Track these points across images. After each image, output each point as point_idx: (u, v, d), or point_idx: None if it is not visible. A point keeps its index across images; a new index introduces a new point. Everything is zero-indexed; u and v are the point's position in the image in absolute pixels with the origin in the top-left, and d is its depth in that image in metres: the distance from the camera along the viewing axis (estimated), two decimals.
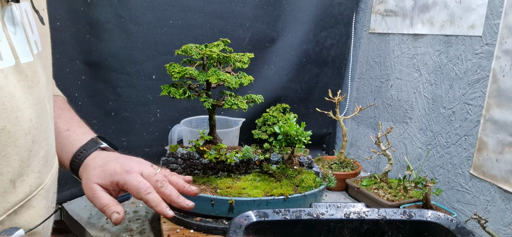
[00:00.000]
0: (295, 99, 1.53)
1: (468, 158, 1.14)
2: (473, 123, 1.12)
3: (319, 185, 0.97)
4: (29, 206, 0.53)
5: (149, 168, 0.76)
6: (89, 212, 1.11)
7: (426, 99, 1.29)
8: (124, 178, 0.72)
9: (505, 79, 1.02)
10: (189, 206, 0.74)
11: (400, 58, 1.38)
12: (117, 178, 0.72)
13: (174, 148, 1.00)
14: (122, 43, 1.20)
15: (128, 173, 0.72)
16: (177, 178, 0.77)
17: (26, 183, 0.52)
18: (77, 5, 1.11)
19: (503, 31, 1.02)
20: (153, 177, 0.74)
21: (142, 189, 0.71)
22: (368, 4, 1.53)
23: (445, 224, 0.79)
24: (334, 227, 0.81)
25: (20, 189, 0.51)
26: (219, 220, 0.89)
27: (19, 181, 0.50)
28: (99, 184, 0.72)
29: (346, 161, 1.38)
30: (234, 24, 1.36)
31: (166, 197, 0.73)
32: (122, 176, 0.72)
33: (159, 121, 1.32)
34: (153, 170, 0.75)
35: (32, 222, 0.54)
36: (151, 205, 0.71)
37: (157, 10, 1.23)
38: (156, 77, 1.27)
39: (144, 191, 0.71)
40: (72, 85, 1.14)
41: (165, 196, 0.73)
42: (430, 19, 1.25)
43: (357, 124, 1.63)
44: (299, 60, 1.49)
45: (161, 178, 0.74)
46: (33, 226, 0.54)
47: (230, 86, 0.93)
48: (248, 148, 0.99)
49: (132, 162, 0.75)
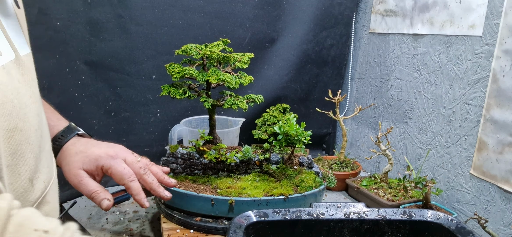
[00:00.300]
0: (295, 99, 1.53)
1: (468, 158, 1.14)
2: (473, 123, 1.12)
3: (319, 185, 0.97)
4: (45, 202, 0.53)
5: (131, 155, 0.78)
6: (89, 212, 1.11)
7: (426, 99, 1.29)
8: (109, 163, 0.73)
9: (505, 79, 1.02)
10: (167, 197, 0.79)
11: (400, 58, 1.38)
12: (102, 163, 0.73)
13: (174, 148, 1.00)
14: (122, 43, 1.20)
15: (113, 159, 0.74)
16: (157, 168, 0.81)
17: (41, 179, 0.51)
18: (77, 5, 1.11)
19: (503, 31, 1.02)
20: (136, 164, 0.76)
21: (126, 175, 0.73)
22: (368, 4, 1.53)
23: (445, 224, 0.79)
24: (334, 227, 0.81)
25: (37, 186, 0.50)
26: (219, 220, 0.89)
27: (35, 179, 0.50)
28: (84, 170, 0.72)
29: (346, 161, 1.38)
30: (234, 24, 1.36)
31: (148, 185, 0.76)
32: (107, 160, 0.73)
33: (159, 121, 1.32)
34: (135, 157, 0.78)
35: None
36: (132, 192, 0.74)
37: (157, 10, 1.23)
38: (156, 77, 1.27)
39: (127, 177, 0.73)
40: (72, 85, 1.14)
41: (147, 184, 0.76)
42: (430, 19, 1.25)
43: (357, 124, 1.63)
44: (299, 60, 1.49)
45: (144, 165, 0.77)
46: None
47: (230, 86, 0.93)
48: (248, 148, 0.99)
49: (115, 148, 0.77)
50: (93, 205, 1.15)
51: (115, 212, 1.12)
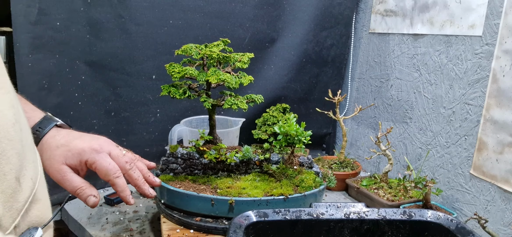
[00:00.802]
0: (295, 99, 1.53)
1: (468, 158, 1.14)
2: (473, 123, 1.12)
3: (319, 185, 0.97)
4: (36, 200, 0.50)
5: (116, 148, 0.73)
6: (89, 212, 1.11)
7: (426, 99, 1.29)
8: (94, 158, 0.68)
9: (505, 79, 1.02)
10: (151, 195, 0.74)
11: (400, 58, 1.38)
12: (86, 157, 0.68)
13: (174, 148, 1.00)
14: (122, 43, 1.20)
15: (98, 153, 0.69)
16: (142, 164, 0.77)
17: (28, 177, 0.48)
18: (77, 5, 1.11)
19: (503, 31, 1.02)
20: (121, 158, 0.72)
21: (111, 171, 0.69)
22: (368, 4, 1.53)
23: (445, 224, 0.79)
24: (334, 227, 0.81)
25: (24, 185, 0.47)
26: (219, 220, 0.89)
27: (22, 177, 0.46)
28: (67, 165, 0.68)
29: (346, 161, 1.38)
30: (234, 24, 1.36)
31: (133, 181, 0.72)
32: (92, 155, 0.68)
33: (159, 121, 1.32)
34: (120, 151, 0.74)
35: (43, 216, 0.51)
36: (117, 189, 0.70)
37: (157, 10, 1.23)
38: (156, 77, 1.27)
39: (113, 173, 0.69)
40: (72, 85, 1.14)
41: (132, 180, 0.72)
42: (430, 19, 1.25)
43: (357, 124, 1.63)
44: (299, 60, 1.49)
45: (129, 160, 0.73)
46: (45, 220, 0.51)
47: (230, 86, 0.93)
48: (248, 148, 0.99)
49: (99, 140, 0.72)
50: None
51: (115, 212, 1.12)
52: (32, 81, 1.05)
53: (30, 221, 0.48)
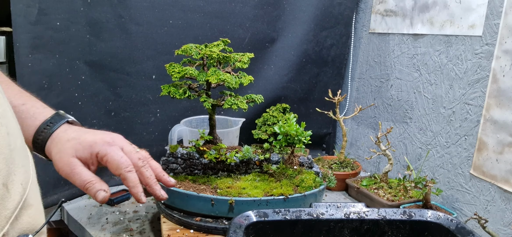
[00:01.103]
0: (295, 99, 1.53)
1: (468, 158, 1.14)
2: (473, 123, 1.12)
3: (319, 185, 0.97)
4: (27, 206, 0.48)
5: (129, 145, 0.71)
6: (89, 212, 1.11)
7: (426, 99, 1.29)
8: (105, 150, 0.65)
9: (505, 79, 1.02)
10: (163, 197, 0.71)
11: (400, 58, 1.38)
12: (97, 149, 0.65)
13: (174, 148, 1.00)
14: (122, 43, 1.20)
15: (110, 145, 0.66)
16: (156, 164, 0.74)
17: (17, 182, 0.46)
18: (77, 5, 1.11)
19: (503, 31, 1.02)
20: (134, 154, 0.69)
21: (123, 164, 0.66)
22: (368, 4, 1.53)
23: (445, 224, 0.79)
24: (334, 227, 0.81)
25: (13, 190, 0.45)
26: (219, 220, 0.89)
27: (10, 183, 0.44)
28: (78, 158, 0.65)
29: (346, 161, 1.38)
30: (234, 24, 1.36)
31: (145, 179, 0.69)
32: (103, 147, 0.66)
33: (159, 121, 1.32)
34: (133, 148, 0.71)
35: (34, 223, 0.49)
36: (128, 184, 0.66)
37: (157, 10, 1.23)
38: (156, 77, 1.27)
39: (125, 167, 0.66)
40: (72, 85, 1.14)
41: (144, 178, 0.69)
42: (430, 19, 1.25)
43: (357, 124, 1.63)
44: (299, 60, 1.49)
45: (143, 157, 0.70)
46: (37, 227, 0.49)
47: (230, 86, 0.93)
48: (248, 148, 0.99)
49: (112, 135, 0.70)
50: (93, 205, 1.15)
51: (115, 212, 1.12)
52: (32, 81, 1.05)
53: (21, 228, 0.46)
